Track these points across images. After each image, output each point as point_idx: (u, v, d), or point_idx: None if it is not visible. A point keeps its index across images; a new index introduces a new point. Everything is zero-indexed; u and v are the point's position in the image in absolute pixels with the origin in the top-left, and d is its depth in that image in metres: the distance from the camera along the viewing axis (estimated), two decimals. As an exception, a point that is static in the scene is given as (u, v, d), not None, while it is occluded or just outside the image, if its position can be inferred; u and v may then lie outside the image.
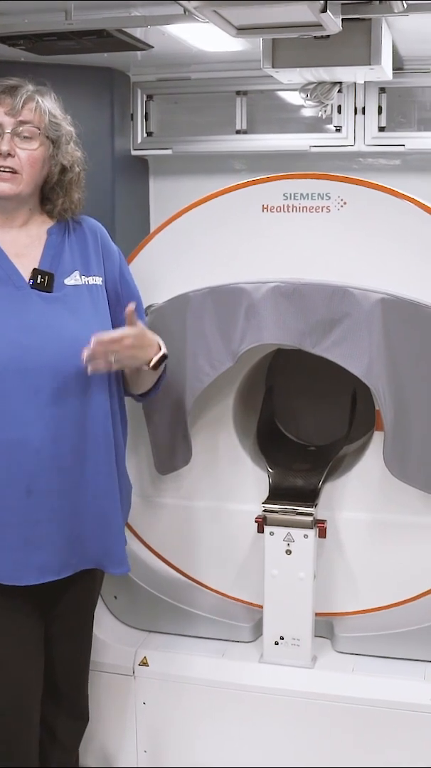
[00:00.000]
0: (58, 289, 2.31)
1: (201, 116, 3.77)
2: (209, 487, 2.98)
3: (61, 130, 2.35)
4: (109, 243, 2.50)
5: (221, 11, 2.03)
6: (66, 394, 2.25)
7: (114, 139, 3.68)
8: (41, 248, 2.34)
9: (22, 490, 2.23)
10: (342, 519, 2.90)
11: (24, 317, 2.24)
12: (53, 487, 2.26)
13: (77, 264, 2.37)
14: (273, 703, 2.84)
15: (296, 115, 3.62)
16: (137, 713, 2.98)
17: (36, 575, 2.28)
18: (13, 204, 2.30)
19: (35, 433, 2.22)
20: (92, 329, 2.28)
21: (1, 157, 2.23)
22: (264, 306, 2.65)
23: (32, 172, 2.28)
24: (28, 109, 2.28)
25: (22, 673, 2.39)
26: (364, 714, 2.77)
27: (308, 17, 2.01)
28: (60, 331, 2.25)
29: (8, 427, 2.21)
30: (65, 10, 2.64)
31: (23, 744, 2.45)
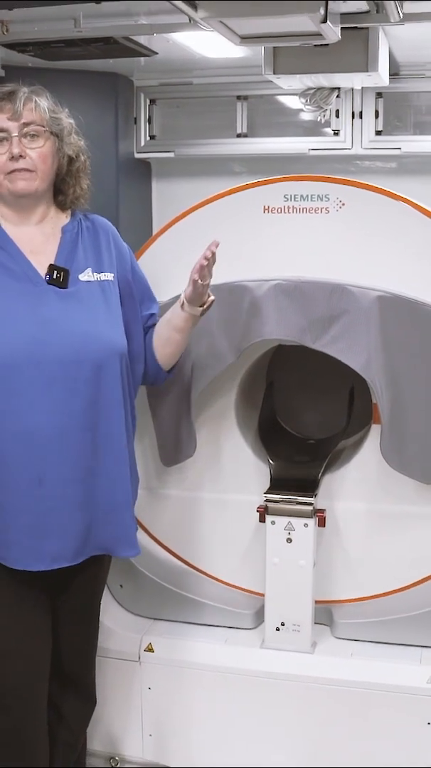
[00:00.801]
0: (72, 285, 2.39)
1: (202, 120, 3.84)
2: (212, 479, 3.07)
3: (62, 123, 2.45)
4: (120, 241, 2.60)
5: (226, 21, 2.13)
6: (79, 386, 2.33)
7: (118, 142, 3.75)
8: (56, 245, 2.43)
9: (35, 479, 2.31)
10: (341, 509, 2.99)
11: (39, 312, 2.32)
12: (65, 476, 2.34)
13: (90, 261, 2.46)
14: (275, 687, 2.92)
15: (295, 119, 3.69)
16: (142, 698, 3.06)
17: (49, 561, 2.36)
18: (31, 200, 2.40)
19: (48, 423, 2.30)
20: (104, 324, 2.38)
21: (13, 159, 2.33)
22: (266, 303, 2.74)
23: (45, 167, 2.38)
24: (29, 110, 2.37)
25: (32, 657, 2.46)
26: (362, 697, 2.85)
27: (309, 27, 2.10)
28: (74, 326, 2.34)
29: (22, 418, 2.28)
30: (74, 18, 2.72)
31: (32, 725, 2.52)
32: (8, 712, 2.46)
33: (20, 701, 2.48)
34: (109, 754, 3.11)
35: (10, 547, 2.34)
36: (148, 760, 3.09)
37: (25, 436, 2.30)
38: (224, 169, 3.92)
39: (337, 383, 3.21)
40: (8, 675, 2.43)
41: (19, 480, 2.31)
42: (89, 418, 2.36)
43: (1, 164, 2.34)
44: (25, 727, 2.51)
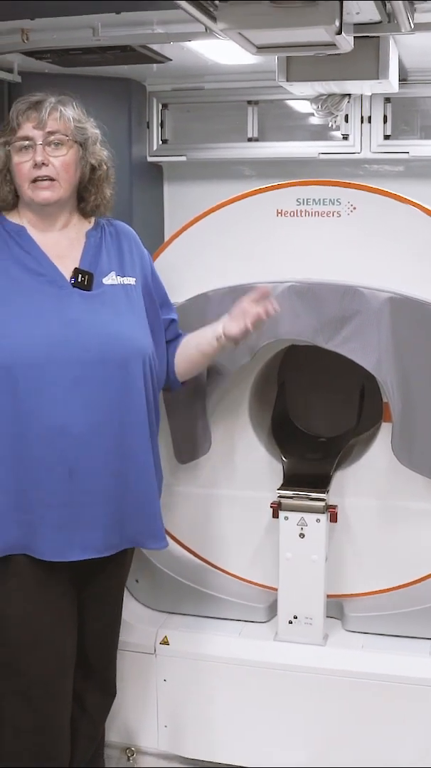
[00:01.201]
0: (96, 288, 2.47)
1: (214, 124, 3.88)
2: (226, 476, 3.15)
3: (86, 133, 2.52)
4: (141, 247, 2.67)
5: (244, 32, 2.20)
6: (105, 384, 2.40)
7: (131, 146, 3.80)
8: (80, 249, 2.51)
9: (65, 473, 2.38)
10: (352, 505, 3.06)
11: (65, 314, 2.40)
12: (94, 470, 2.41)
13: (113, 265, 2.54)
14: (287, 679, 2.99)
15: (305, 124, 3.72)
16: (158, 690, 3.13)
17: (79, 552, 2.43)
18: (55, 208, 2.47)
19: (76, 420, 2.37)
20: (128, 325, 2.47)
21: (37, 167, 2.41)
22: (280, 304, 2.79)
23: (67, 176, 2.45)
24: (53, 119, 2.45)
25: (58, 649, 2.53)
26: (373, 688, 2.92)
27: (324, 38, 2.17)
28: (100, 326, 2.42)
29: (51, 415, 2.36)
30: (93, 27, 2.78)
31: (57, 716, 2.59)
32: (34, 703, 2.53)
33: (46, 692, 2.54)
34: (125, 744, 3.18)
35: (40, 539, 2.41)
36: (163, 750, 3.16)
37: (54, 432, 2.36)
38: (235, 172, 3.96)
39: (348, 382, 3.28)
40: (35, 666, 2.50)
41: (50, 474, 2.38)
42: (116, 415, 2.43)
43: (25, 172, 2.42)
44: (50, 718, 2.58)
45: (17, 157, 2.43)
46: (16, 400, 2.35)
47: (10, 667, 2.51)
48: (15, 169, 2.44)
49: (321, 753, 2.98)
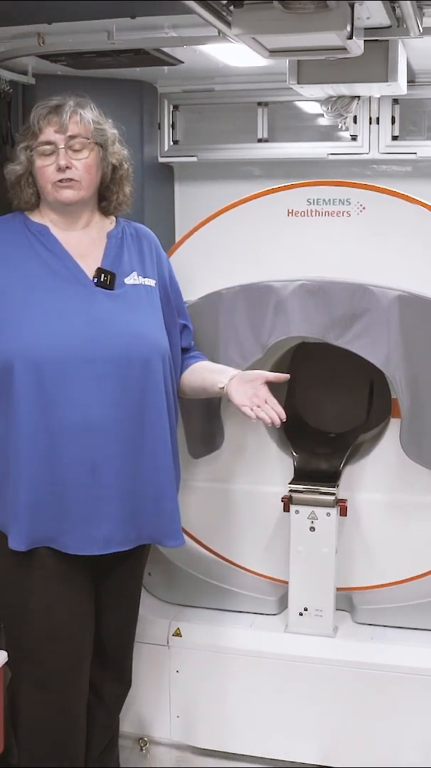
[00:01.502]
0: (119, 287, 2.53)
1: (224, 125, 3.94)
2: (238, 471, 3.20)
3: (106, 134, 2.58)
4: (161, 250, 2.74)
5: (258, 37, 2.26)
6: (128, 382, 2.46)
7: (143, 147, 3.87)
8: (102, 249, 2.57)
9: (88, 468, 2.44)
10: (362, 499, 3.12)
11: (89, 312, 2.46)
12: (116, 466, 2.47)
13: (135, 265, 2.60)
14: (298, 670, 3.05)
15: (314, 125, 3.78)
16: (171, 681, 3.19)
17: (100, 546, 2.49)
18: (77, 207, 2.53)
19: (100, 416, 2.43)
20: (149, 325, 2.53)
21: (60, 171, 2.47)
22: (292, 302, 2.87)
23: (89, 177, 2.52)
24: (74, 123, 2.51)
25: (76, 639, 2.59)
26: (382, 679, 2.98)
27: (335, 42, 2.23)
28: (122, 325, 2.48)
29: (75, 410, 2.41)
30: (108, 31, 2.84)
31: (74, 706, 2.65)
32: (51, 692, 2.59)
33: (63, 682, 2.60)
34: (138, 735, 3.24)
35: (64, 533, 2.46)
36: (175, 741, 3.22)
37: (78, 429, 2.42)
38: (245, 173, 4.02)
39: (357, 379, 3.34)
40: (54, 657, 2.56)
41: (74, 470, 2.44)
42: (137, 412, 2.49)
43: (48, 174, 2.48)
44: (66, 707, 2.64)
45: (40, 161, 2.49)
46: (43, 395, 2.41)
47: (30, 658, 2.57)
48: (38, 172, 2.50)
49: (331, 742, 3.03)
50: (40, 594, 2.52)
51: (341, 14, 2.10)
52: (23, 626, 2.55)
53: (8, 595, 2.58)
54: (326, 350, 3.00)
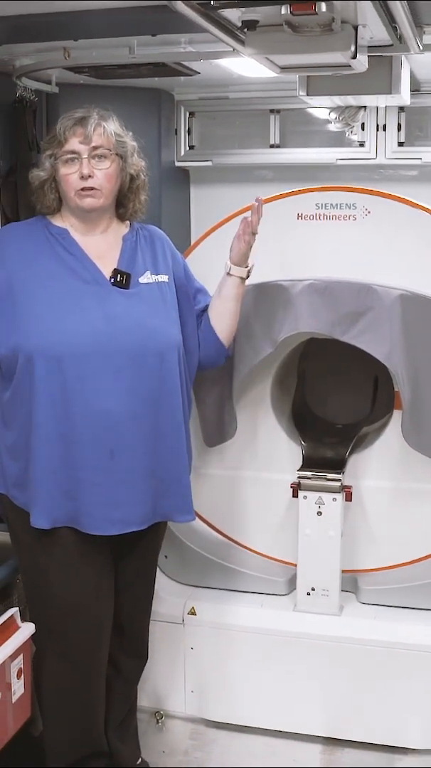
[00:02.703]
0: (133, 286, 2.70)
1: (238, 131, 4.08)
2: (250, 459, 3.38)
3: (126, 146, 2.75)
4: (173, 247, 2.91)
5: (269, 56, 2.44)
6: (144, 374, 2.64)
7: (160, 152, 4.02)
8: (118, 251, 2.74)
9: (107, 454, 2.61)
10: (366, 486, 3.30)
11: (106, 309, 2.63)
12: (133, 451, 2.64)
13: (148, 265, 2.77)
14: (305, 647, 3.22)
15: (324, 131, 3.92)
16: (185, 657, 3.36)
17: (120, 527, 2.66)
18: (97, 213, 2.71)
19: (117, 405, 2.60)
20: (163, 320, 2.71)
21: (83, 179, 2.64)
22: (300, 300, 3.03)
23: (109, 186, 2.69)
24: (98, 135, 2.67)
25: (97, 612, 2.77)
26: (384, 655, 3.15)
27: (341, 60, 2.41)
28: (137, 320, 2.65)
29: (94, 401, 2.59)
30: (129, 46, 3.01)
31: (94, 673, 2.83)
32: (73, 664, 2.77)
33: (84, 653, 2.78)
34: (154, 708, 3.41)
35: (84, 515, 2.64)
36: (190, 714, 3.39)
37: (97, 417, 2.60)
38: (257, 176, 4.15)
39: (363, 373, 3.50)
40: (75, 629, 2.74)
41: (93, 455, 2.61)
42: (152, 401, 2.66)
43: (71, 182, 2.65)
44: (88, 678, 2.82)
45: (64, 169, 2.66)
46: (65, 387, 2.58)
47: (53, 630, 2.75)
48: (62, 179, 2.67)
49: (337, 715, 3.21)
50: (61, 570, 2.69)
51: (346, 36, 2.28)
52: (46, 601, 2.73)
53: (31, 571, 2.76)
54: (334, 346, 3.16)
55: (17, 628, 2.67)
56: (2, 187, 3.41)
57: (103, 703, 2.92)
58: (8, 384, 2.67)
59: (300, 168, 3.99)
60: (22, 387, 2.63)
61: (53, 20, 2.66)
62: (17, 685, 2.63)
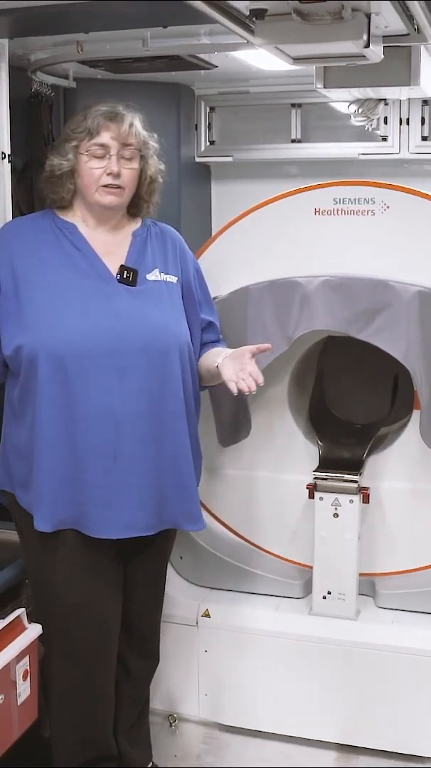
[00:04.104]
0: (141, 284, 2.66)
1: (259, 126, 4.07)
2: (266, 459, 3.32)
3: (150, 148, 2.71)
4: (185, 249, 2.85)
5: (279, 46, 2.38)
6: (148, 372, 2.59)
7: (180, 147, 4.00)
8: (127, 247, 2.70)
9: (110, 457, 2.57)
10: (385, 488, 3.22)
11: (112, 307, 2.59)
12: (137, 454, 2.59)
13: (158, 262, 2.72)
14: (321, 651, 3.15)
15: (346, 125, 3.88)
16: (199, 660, 3.31)
17: (123, 531, 2.62)
18: (114, 211, 2.67)
19: (120, 406, 2.55)
20: (169, 318, 2.66)
21: (111, 176, 2.59)
22: (316, 297, 2.97)
23: (132, 186, 2.65)
24: (131, 134, 2.62)
25: (105, 610, 2.73)
26: (401, 661, 3.08)
27: (353, 50, 2.34)
28: (143, 319, 2.61)
29: (97, 401, 2.54)
30: (143, 39, 2.98)
31: (102, 674, 2.79)
32: (80, 664, 2.74)
33: (91, 653, 2.74)
34: (167, 711, 3.36)
35: (87, 518, 2.60)
36: (203, 718, 3.34)
37: (100, 418, 2.55)
38: (279, 172, 4.13)
39: (382, 372, 3.43)
40: (79, 628, 2.70)
41: (97, 457, 2.57)
42: (157, 401, 2.62)
43: (96, 177, 2.59)
44: (94, 677, 2.78)
45: (91, 162, 2.60)
46: (67, 387, 2.54)
47: (58, 629, 2.71)
48: (85, 172, 2.61)
49: (352, 722, 3.14)
50: (65, 570, 2.66)
51: (357, 24, 2.21)
52: (50, 600, 2.70)
53: (37, 570, 2.73)
54: (354, 344, 3.10)
55: (23, 629, 2.62)
56: (18, 183, 3.38)
57: (111, 705, 2.88)
58: (16, 380, 2.64)
59: (322, 163, 3.98)
60: (27, 386, 2.60)
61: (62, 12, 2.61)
62: (23, 686, 2.59)
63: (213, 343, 2.87)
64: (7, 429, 2.74)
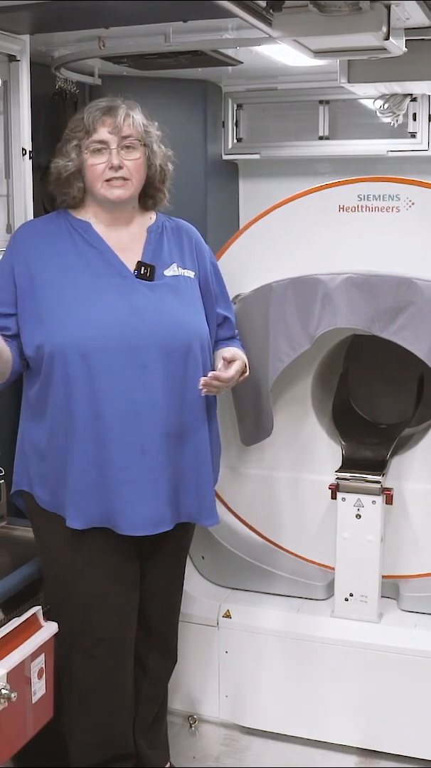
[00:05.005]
0: (158, 279, 2.64)
1: (286, 123, 4.02)
2: (288, 459, 3.29)
3: (152, 135, 2.68)
4: (202, 244, 2.82)
5: (299, 39, 2.34)
6: (169, 367, 2.57)
7: (206, 145, 3.96)
8: (143, 243, 2.68)
9: (138, 450, 2.56)
10: (410, 489, 3.18)
11: (130, 303, 2.57)
12: (160, 449, 2.58)
13: (175, 257, 2.70)
14: (343, 654, 3.12)
15: (375, 122, 3.83)
16: (220, 661, 3.29)
17: (150, 527, 2.60)
18: (123, 205, 2.65)
19: (144, 401, 2.54)
20: (188, 313, 2.64)
21: (113, 169, 2.58)
22: (338, 294, 2.94)
23: (138, 176, 2.63)
24: (127, 125, 2.61)
25: (121, 605, 2.72)
26: (425, 665, 3.03)
27: (373, 42, 2.30)
28: (162, 313, 2.59)
29: (122, 396, 2.53)
30: (164, 34, 2.95)
31: (119, 674, 2.77)
32: (97, 660, 2.72)
33: (109, 650, 2.72)
34: (187, 712, 3.35)
35: (117, 514, 2.58)
36: (223, 719, 3.32)
37: (125, 414, 2.54)
38: (307, 169, 4.08)
39: (407, 372, 3.39)
40: (99, 624, 2.69)
41: (125, 452, 2.56)
42: (178, 395, 2.60)
43: (99, 172, 2.59)
44: (112, 676, 2.76)
45: (92, 159, 2.60)
46: (92, 383, 2.53)
47: (78, 627, 2.69)
48: (88, 169, 2.61)
49: (373, 726, 3.10)
50: (87, 567, 2.65)
51: (376, 16, 2.17)
52: (70, 597, 2.68)
53: (56, 568, 2.71)
54: (380, 343, 3.05)
55: (39, 627, 2.61)
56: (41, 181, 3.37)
57: (130, 705, 2.86)
58: (36, 379, 2.63)
59: (351, 160, 3.92)
60: (47, 385, 2.58)
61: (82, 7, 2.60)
62: (38, 685, 2.57)
63: (226, 340, 2.85)
64: (24, 428, 2.73)
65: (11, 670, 2.42)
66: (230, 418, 3.22)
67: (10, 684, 2.38)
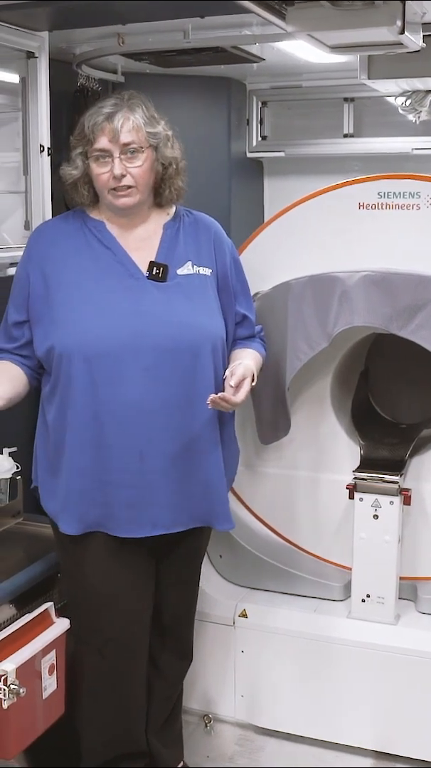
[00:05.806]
0: (171, 279, 2.59)
1: (311, 121, 4.01)
2: (307, 458, 3.27)
3: (158, 137, 2.59)
4: (222, 237, 2.75)
5: (313, 34, 2.32)
6: (176, 371, 2.53)
7: (230, 143, 3.95)
8: (158, 241, 2.63)
9: (136, 455, 2.53)
10: (428, 490, 3.14)
11: (140, 305, 2.53)
12: (163, 452, 2.54)
13: (190, 254, 2.65)
14: (359, 656, 3.09)
15: (400, 120, 3.79)
16: (236, 661, 3.28)
17: (149, 529, 2.58)
18: (135, 209, 2.60)
19: (147, 405, 2.51)
20: (200, 313, 2.59)
21: (116, 179, 2.52)
22: (356, 292, 2.91)
23: (144, 182, 2.56)
24: (127, 131, 2.52)
25: (133, 604, 2.70)
26: (442, 668, 3.00)
27: (388, 37, 2.27)
28: (171, 315, 2.54)
29: (124, 401, 2.50)
30: (184, 30, 2.94)
31: (132, 671, 2.76)
32: (108, 658, 2.71)
33: (121, 649, 2.71)
34: (203, 712, 3.34)
35: (113, 518, 2.57)
36: (239, 719, 3.31)
37: (127, 417, 2.51)
38: (332, 167, 4.04)
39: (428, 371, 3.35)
40: (111, 623, 2.68)
41: (122, 457, 2.53)
42: (185, 399, 2.55)
43: (104, 181, 2.54)
44: (125, 675, 2.75)
45: (96, 168, 2.55)
46: (94, 387, 2.51)
47: (90, 624, 2.69)
48: (95, 178, 2.56)
49: (389, 729, 3.07)
50: (95, 566, 2.63)
51: (390, 10, 2.15)
52: (82, 595, 2.68)
53: (67, 567, 2.71)
54: (401, 342, 3.01)
55: (51, 623, 2.61)
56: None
57: (142, 704, 2.85)
58: (48, 379, 2.63)
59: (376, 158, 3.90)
60: (55, 386, 2.58)
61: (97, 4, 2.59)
62: (49, 681, 2.57)
63: (245, 339, 2.79)
64: (38, 425, 2.73)
65: (21, 665, 2.41)
66: (248, 416, 3.20)
67: (19, 679, 2.38)
